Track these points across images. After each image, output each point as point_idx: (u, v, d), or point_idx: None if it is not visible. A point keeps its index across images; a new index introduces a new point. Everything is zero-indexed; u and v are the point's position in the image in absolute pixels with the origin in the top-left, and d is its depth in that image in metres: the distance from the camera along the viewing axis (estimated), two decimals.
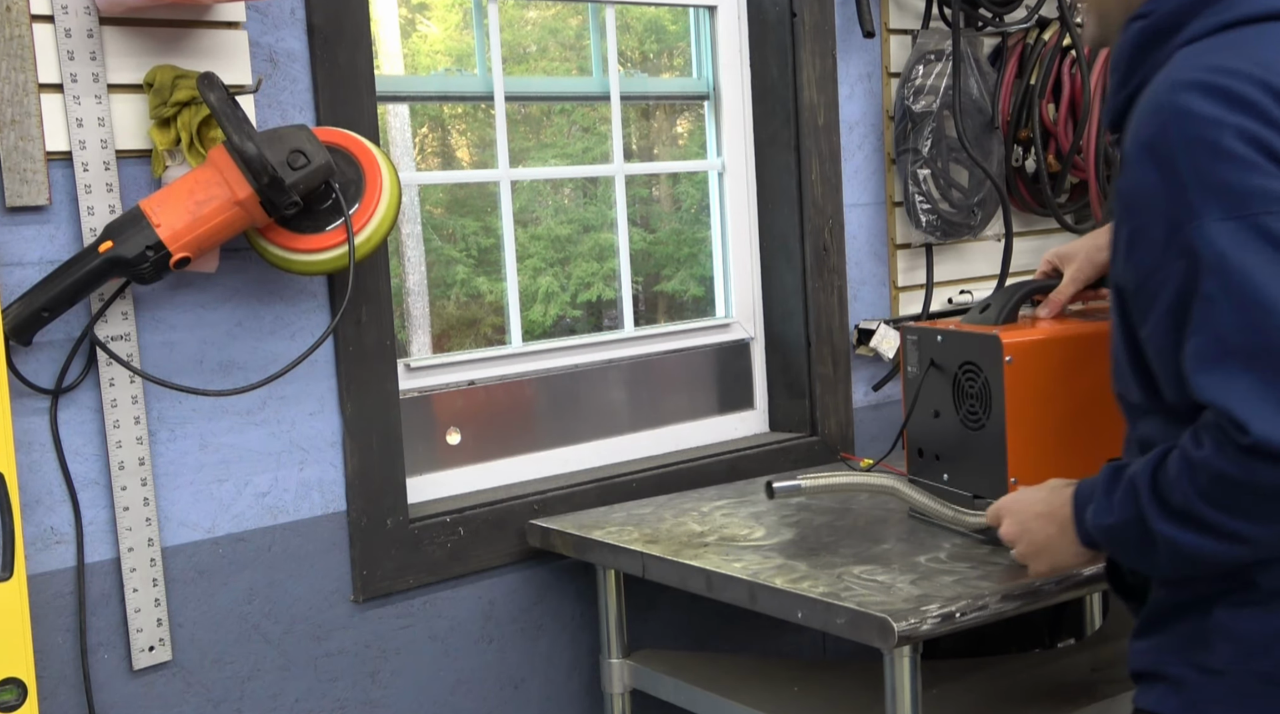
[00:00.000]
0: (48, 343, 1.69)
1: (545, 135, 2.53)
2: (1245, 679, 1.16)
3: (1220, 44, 1.26)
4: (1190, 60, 1.25)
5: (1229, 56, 1.23)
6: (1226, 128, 1.17)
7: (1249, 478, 1.12)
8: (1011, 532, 1.49)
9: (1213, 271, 1.16)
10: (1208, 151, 1.18)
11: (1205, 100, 1.19)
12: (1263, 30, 1.25)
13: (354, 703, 1.98)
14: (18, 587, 1.52)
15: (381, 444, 1.97)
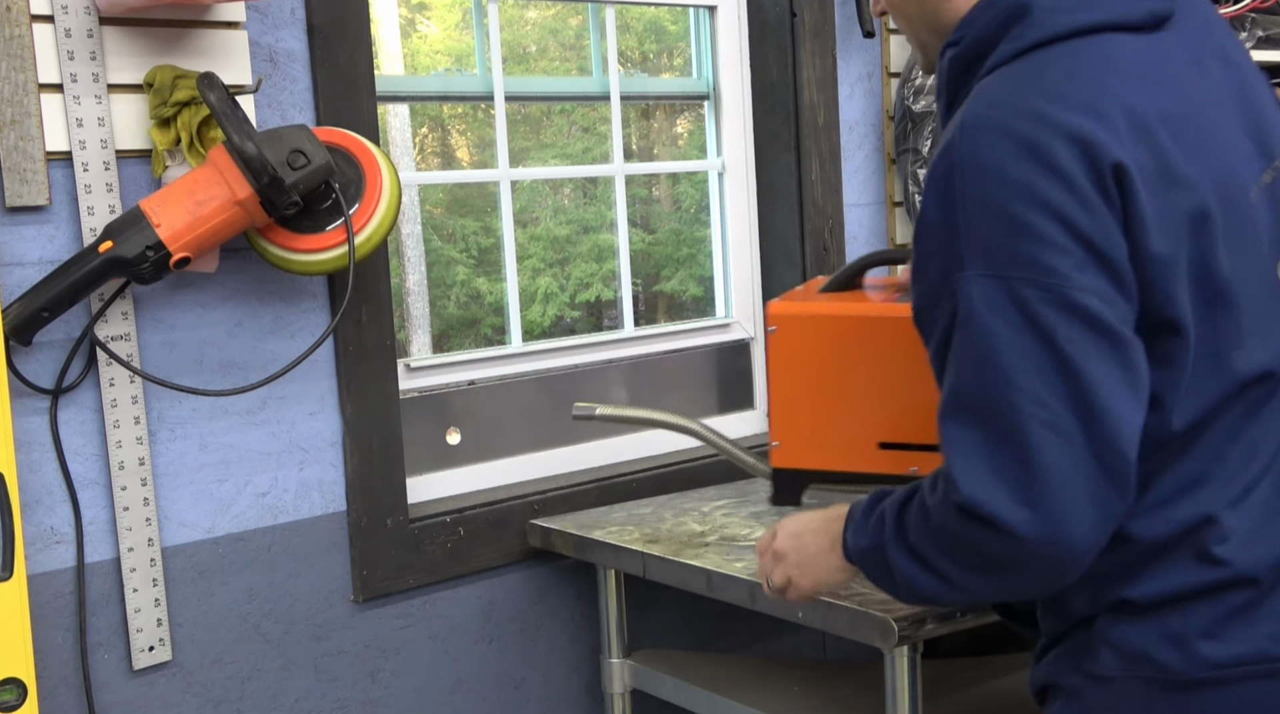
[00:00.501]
0: (48, 343, 1.69)
1: (545, 135, 2.53)
2: (1131, 684, 1.18)
3: (1020, 72, 1.19)
4: (986, 94, 1.19)
5: (1024, 89, 1.17)
6: (1004, 182, 1.12)
7: (958, 532, 1.15)
8: (784, 544, 1.44)
9: (964, 325, 1.15)
10: (981, 204, 1.14)
11: (989, 145, 1.14)
12: (1068, 50, 1.19)
13: (354, 703, 1.98)
14: (18, 587, 1.52)
15: (381, 444, 1.97)
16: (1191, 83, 1.20)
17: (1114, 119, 1.12)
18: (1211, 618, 1.16)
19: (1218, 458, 1.17)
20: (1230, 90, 1.23)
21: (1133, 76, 1.16)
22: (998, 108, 1.16)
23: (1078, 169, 1.11)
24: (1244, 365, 1.17)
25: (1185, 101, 1.17)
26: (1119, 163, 1.11)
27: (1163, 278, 1.13)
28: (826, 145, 2.49)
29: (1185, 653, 1.16)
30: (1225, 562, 1.16)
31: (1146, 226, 1.11)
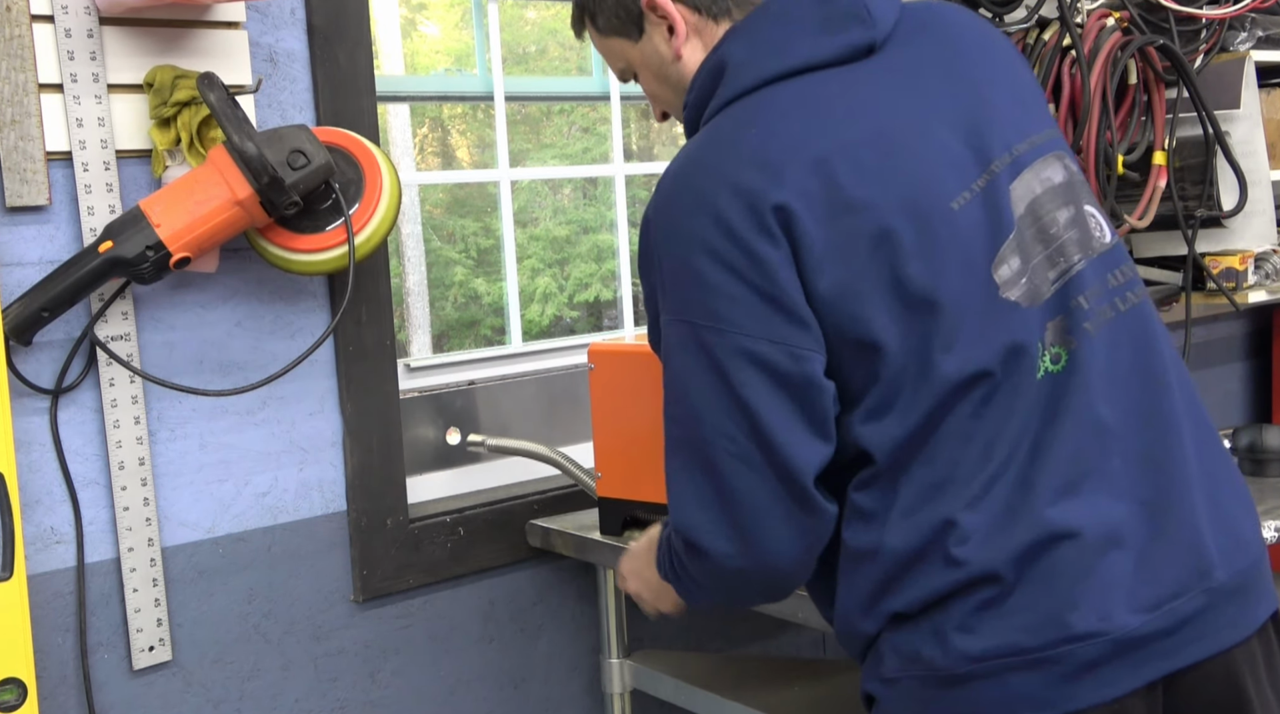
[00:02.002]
0: (48, 343, 1.69)
1: (545, 135, 2.53)
2: (910, 684, 1.23)
3: (711, 128, 1.29)
4: (683, 151, 1.29)
5: (706, 146, 1.27)
6: (683, 235, 1.23)
7: (682, 557, 1.30)
8: (634, 586, 1.62)
9: (667, 363, 1.28)
10: (669, 255, 1.25)
11: (673, 201, 1.26)
12: (753, 102, 1.27)
13: (354, 703, 1.98)
14: (18, 587, 1.52)
15: (381, 444, 1.97)
16: (887, 109, 1.26)
17: (779, 162, 1.21)
18: (964, 613, 1.20)
19: (953, 461, 1.21)
20: (950, 105, 1.28)
21: (811, 116, 1.24)
22: (685, 167, 1.27)
23: (741, 219, 1.20)
24: (952, 368, 1.20)
25: (872, 128, 1.24)
26: (779, 204, 1.19)
27: (844, 302, 1.20)
28: None
29: (945, 649, 1.20)
30: (964, 562, 1.19)
31: (817, 257, 1.19)
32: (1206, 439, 1.30)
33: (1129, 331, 1.27)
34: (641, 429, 1.86)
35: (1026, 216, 1.25)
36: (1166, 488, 1.23)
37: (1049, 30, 2.58)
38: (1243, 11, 2.68)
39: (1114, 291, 1.28)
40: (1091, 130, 2.53)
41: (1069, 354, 1.23)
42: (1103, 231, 1.30)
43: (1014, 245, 1.24)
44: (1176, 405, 1.27)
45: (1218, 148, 2.70)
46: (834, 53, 1.27)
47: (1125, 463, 1.23)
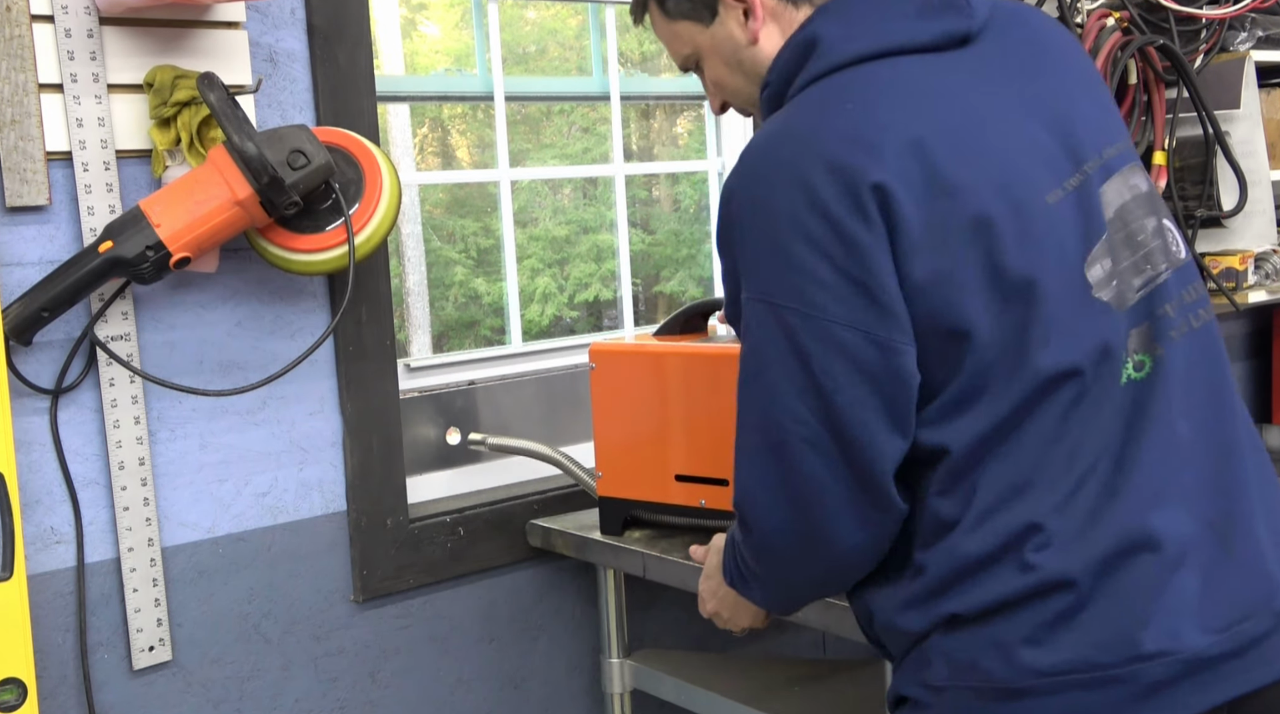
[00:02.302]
0: (48, 343, 1.69)
1: (545, 136, 2.53)
2: (960, 694, 1.20)
3: (801, 103, 1.25)
4: (770, 124, 1.25)
5: (798, 120, 1.23)
6: (772, 212, 1.19)
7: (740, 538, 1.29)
8: (712, 606, 1.56)
9: (744, 340, 1.24)
10: (754, 231, 1.21)
11: (762, 176, 1.21)
12: (847, 78, 1.24)
13: (354, 703, 1.98)
14: (18, 587, 1.52)
15: (381, 444, 1.97)
16: (981, 98, 1.23)
17: (877, 141, 1.17)
18: (1035, 624, 1.16)
19: (1038, 463, 1.17)
20: (1042, 102, 1.26)
21: (908, 97, 1.21)
22: (774, 138, 1.23)
23: (837, 198, 1.16)
24: (1047, 362, 1.17)
25: (967, 115, 1.21)
26: (878, 183, 1.15)
27: (938, 289, 1.16)
28: None
29: (1009, 661, 1.16)
30: (1039, 567, 1.15)
31: (913, 241, 1.16)
32: (1264, 467, 1.28)
33: (1202, 348, 1.26)
34: (642, 429, 1.86)
35: (1116, 220, 1.23)
36: (1231, 511, 1.21)
37: None
38: (1243, 11, 2.68)
39: (1188, 307, 1.26)
40: None
41: (1153, 362, 1.21)
42: (1179, 247, 1.29)
43: (1106, 247, 1.22)
44: (1240, 429, 1.27)
45: (1218, 148, 2.70)
46: (930, 38, 1.24)
47: (1197, 480, 1.20)
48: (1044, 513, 1.16)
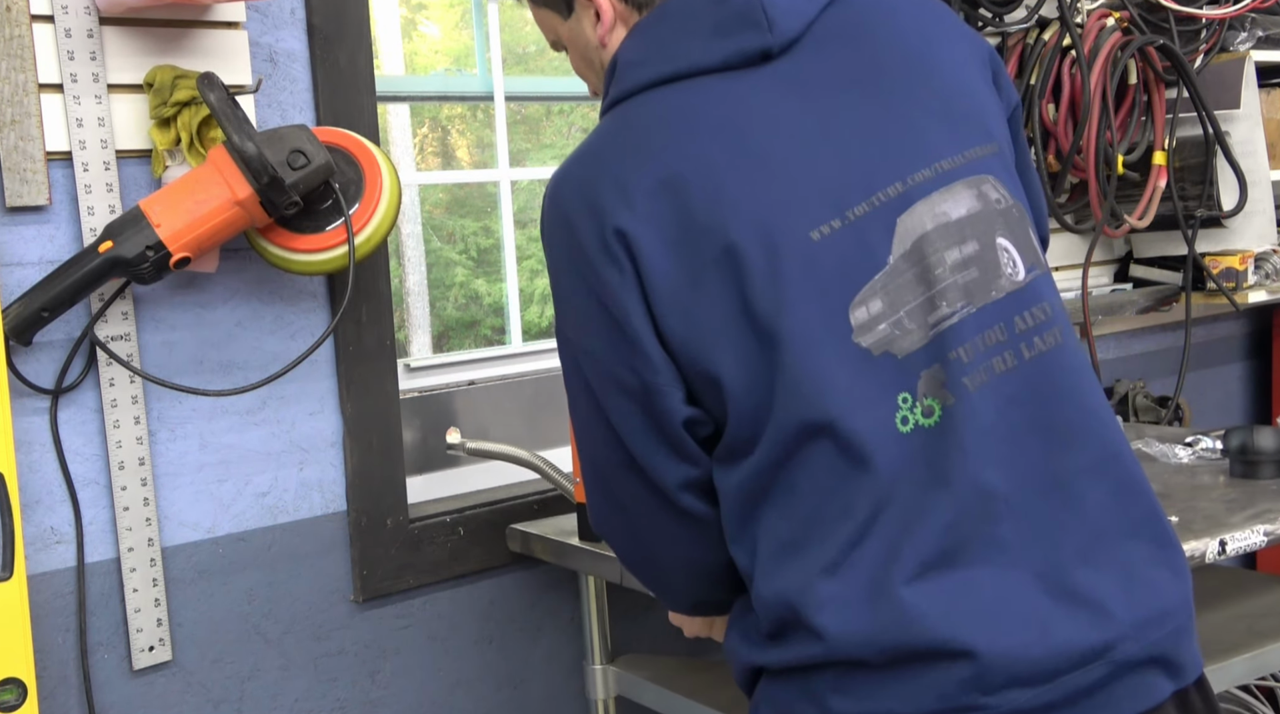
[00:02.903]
0: (48, 343, 1.69)
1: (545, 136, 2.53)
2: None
3: (597, 131, 1.24)
4: (573, 154, 1.24)
5: (586, 150, 1.22)
6: (554, 254, 1.22)
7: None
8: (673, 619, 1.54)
9: (563, 373, 1.28)
10: (548, 263, 1.24)
11: (548, 207, 1.23)
12: (629, 109, 1.21)
13: (354, 703, 1.98)
14: (18, 587, 1.52)
15: (381, 444, 1.97)
16: (766, 123, 1.16)
17: (631, 182, 1.15)
18: (839, 678, 1.12)
19: (807, 519, 1.12)
20: (846, 125, 1.17)
21: (684, 127, 1.16)
22: (563, 169, 1.23)
23: (590, 240, 1.16)
24: (794, 414, 1.11)
25: (742, 145, 1.15)
26: (620, 228, 1.14)
27: (691, 334, 1.14)
28: None
29: (821, 708, 1.13)
30: (824, 636, 1.10)
31: (662, 285, 1.13)
32: (1128, 497, 1.16)
33: (1032, 384, 1.13)
34: None
35: (911, 254, 1.13)
36: (1061, 560, 1.11)
37: (1049, 30, 2.58)
38: (1243, 11, 2.68)
39: (1020, 337, 1.14)
40: (1091, 130, 2.53)
41: (943, 409, 1.10)
42: (1015, 267, 1.16)
43: (881, 286, 1.12)
44: (1086, 462, 1.14)
45: (1218, 148, 2.70)
46: (722, 58, 1.18)
47: (1018, 531, 1.10)
48: (815, 573, 1.11)
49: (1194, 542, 1.79)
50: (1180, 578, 1.18)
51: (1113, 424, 1.19)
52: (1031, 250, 1.18)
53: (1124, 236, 2.83)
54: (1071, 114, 2.56)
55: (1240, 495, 2.01)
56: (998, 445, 1.11)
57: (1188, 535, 1.81)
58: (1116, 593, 1.12)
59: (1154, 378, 3.09)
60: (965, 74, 1.24)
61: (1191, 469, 2.22)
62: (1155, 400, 3.02)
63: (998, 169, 1.19)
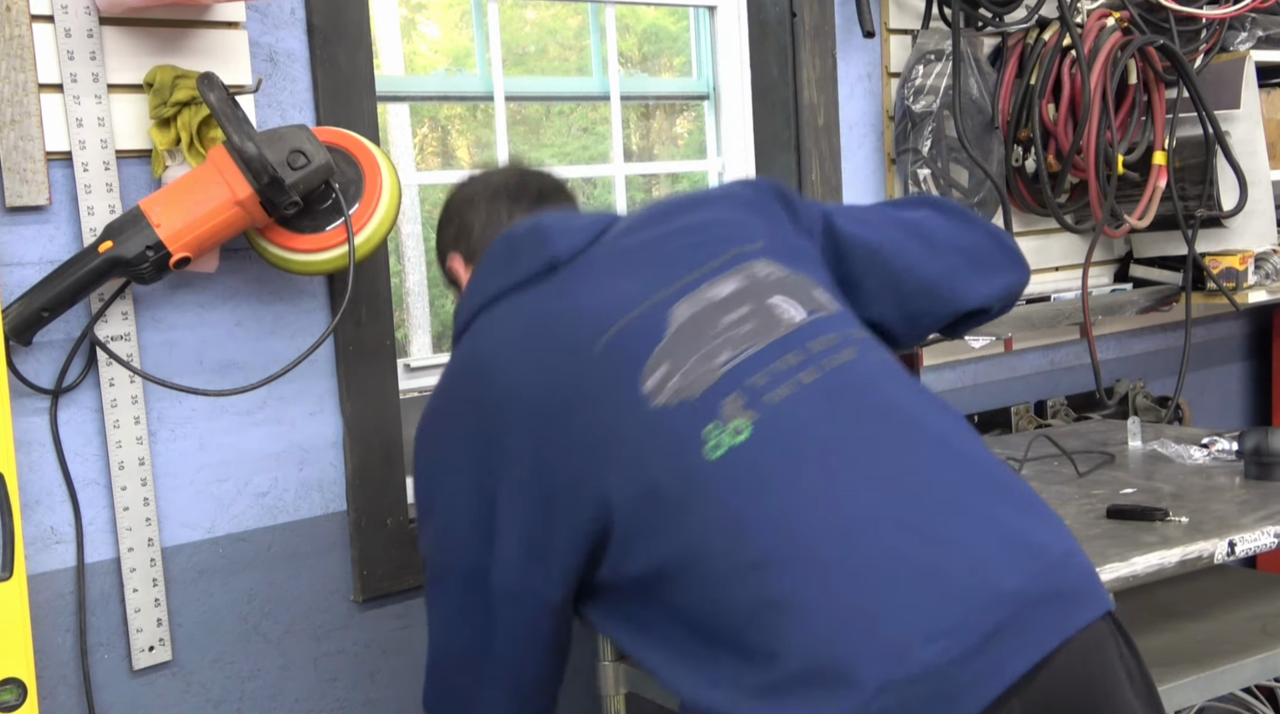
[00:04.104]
0: (48, 343, 1.69)
1: (545, 137, 2.53)
2: None
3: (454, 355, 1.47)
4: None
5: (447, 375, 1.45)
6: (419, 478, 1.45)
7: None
8: None
9: None
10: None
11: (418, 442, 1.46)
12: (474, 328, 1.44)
13: (354, 703, 1.98)
14: (18, 587, 1.52)
15: (381, 444, 1.97)
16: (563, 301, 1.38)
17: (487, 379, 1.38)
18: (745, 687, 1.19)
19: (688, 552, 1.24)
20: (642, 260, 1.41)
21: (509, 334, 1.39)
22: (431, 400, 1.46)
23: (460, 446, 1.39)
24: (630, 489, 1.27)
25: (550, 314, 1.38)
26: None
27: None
28: (826, 145, 2.50)
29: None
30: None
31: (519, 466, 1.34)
32: (968, 464, 1.28)
33: (840, 384, 1.30)
34: None
35: (685, 327, 1.32)
36: (920, 526, 1.20)
37: (1049, 30, 2.59)
38: (1243, 11, 2.68)
39: (818, 356, 1.31)
40: (1091, 130, 2.53)
41: (753, 424, 1.25)
42: (793, 313, 1.35)
43: (663, 352, 1.30)
44: (907, 443, 1.27)
45: (1218, 148, 2.70)
46: (515, 279, 1.41)
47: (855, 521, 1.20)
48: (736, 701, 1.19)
49: (1203, 542, 1.80)
50: (1046, 524, 1.27)
51: (932, 407, 1.34)
52: (813, 301, 1.38)
53: (1124, 236, 2.83)
54: (1071, 114, 2.56)
55: (1253, 497, 2.01)
56: (821, 431, 1.26)
57: (1197, 536, 1.82)
58: (984, 547, 1.20)
59: (1154, 378, 3.09)
60: (718, 215, 1.47)
61: (1207, 470, 2.22)
62: (1155, 400, 3.02)
63: (770, 255, 1.41)
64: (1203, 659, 1.92)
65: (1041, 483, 2.23)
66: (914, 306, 1.56)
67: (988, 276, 1.62)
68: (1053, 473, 2.29)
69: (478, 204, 1.64)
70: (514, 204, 1.62)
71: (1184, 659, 1.92)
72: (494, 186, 1.65)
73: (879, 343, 1.40)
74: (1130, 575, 1.73)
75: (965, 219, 1.65)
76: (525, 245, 1.44)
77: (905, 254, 1.55)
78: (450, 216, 1.68)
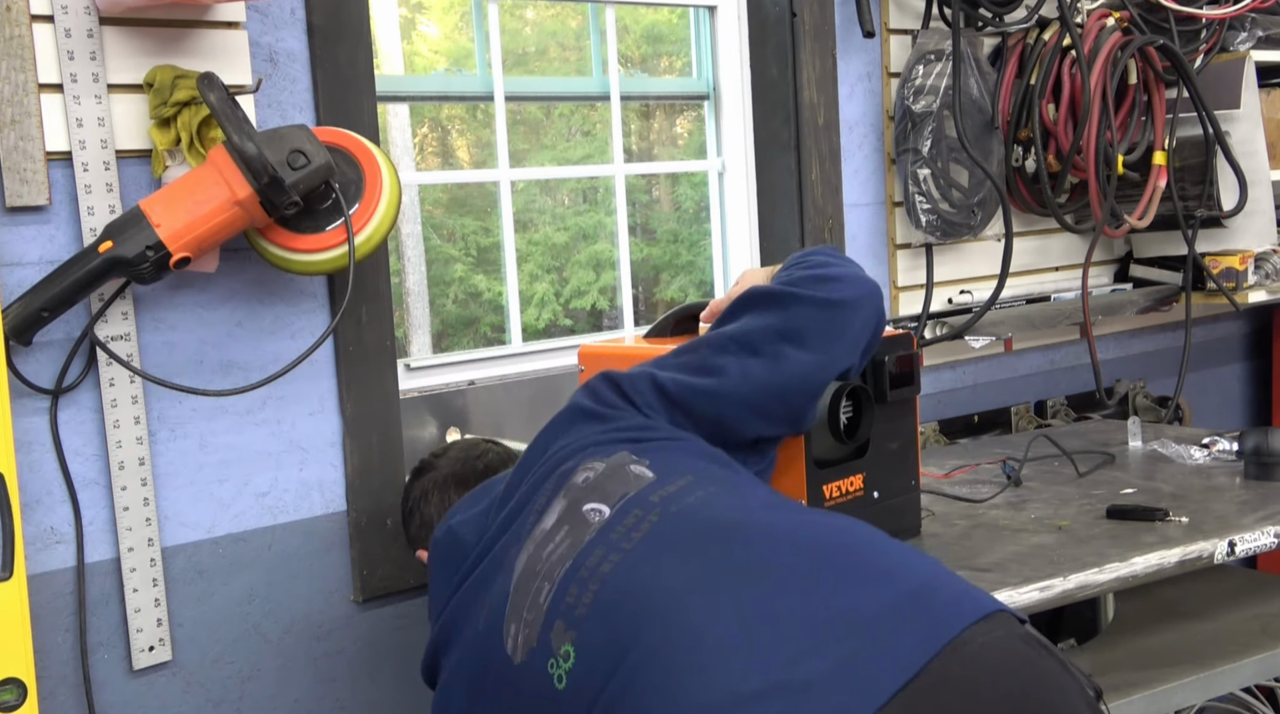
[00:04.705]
0: (48, 343, 1.69)
1: (545, 137, 2.53)
2: None
3: None
4: None
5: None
6: None
7: None
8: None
9: None
10: None
11: None
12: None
13: (354, 703, 1.98)
14: (18, 587, 1.52)
15: (381, 444, 1.97)
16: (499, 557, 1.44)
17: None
18: None
19: None
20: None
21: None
22: None
23: None
24: None
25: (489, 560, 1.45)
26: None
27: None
28: (826, 145, 2.50)
29: None
30: None
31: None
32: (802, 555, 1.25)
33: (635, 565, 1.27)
34: None
35: (522, 576, 1.35)
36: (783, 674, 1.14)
37: (1049, 30, 2.59)
38: (1243, 11, 2.68)
39: (614, 546, 1.29)
40: (1091, 130, 2.53)
41: (573, 643, 1.25)
42: (602, 511, 1.35)
43: (509, 608, 1.34)
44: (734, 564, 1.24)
45: (1218, 148, 2.70)
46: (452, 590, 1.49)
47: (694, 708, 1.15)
48: None
49: (1203, 542, 1.80)
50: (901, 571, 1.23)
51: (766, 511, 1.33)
52: (625, 484, 1.37)
53: (1124, 236, 2.83)
54: (1071, 114, 2.56)
55: (1253, 497, 2.01)
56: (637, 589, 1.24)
57: (1197, 536, 1.82)
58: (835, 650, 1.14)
59: (1154, 378, 3.09)
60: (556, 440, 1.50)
61: (1207, 470, 2.22)
62: (1155, 400, 3.02)
63: (592, 456, 1.43)
64: (1203, 659, 1.92)
65: (1042, 483, 2.23)
66: (775, 409, 1.58)
67: (823, 346, 1.60)
68: (1053, 473, 2.29)
69: (430, 498, 1.78)
70: (462, 488, 1.74)
71: (1184, 659, 1.92)
72: (442, 477, 1.79)
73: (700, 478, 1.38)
74: (1130, 575, 1.73)
75: (779, 302, 1.62)
76: (446, 551, 1.53)
77: (733, 374, 1.56)
78: (411, 513, 1.82)
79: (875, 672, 1.11)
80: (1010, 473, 2.25)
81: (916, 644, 1.13)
